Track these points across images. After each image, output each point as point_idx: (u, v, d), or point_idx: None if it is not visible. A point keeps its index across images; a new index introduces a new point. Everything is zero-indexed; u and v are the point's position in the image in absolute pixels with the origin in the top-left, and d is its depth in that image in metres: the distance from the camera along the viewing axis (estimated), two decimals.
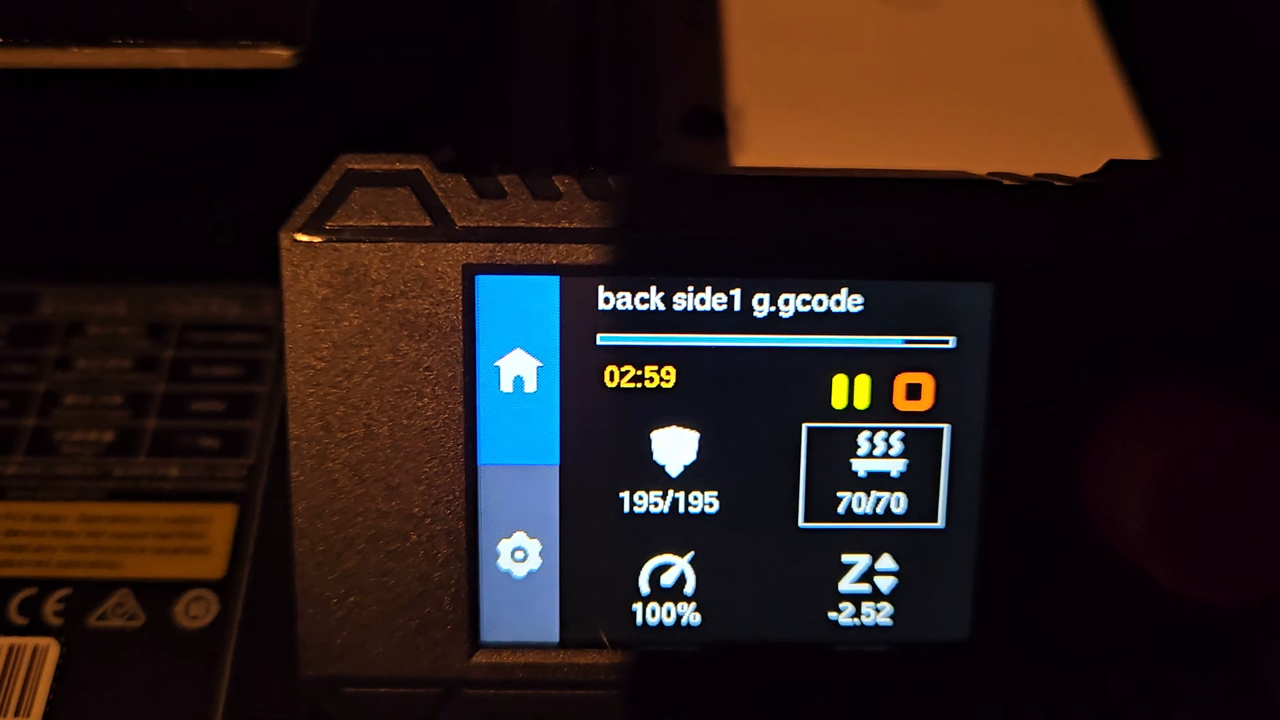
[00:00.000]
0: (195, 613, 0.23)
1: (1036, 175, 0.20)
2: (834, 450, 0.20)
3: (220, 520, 0.24)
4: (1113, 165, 0.20)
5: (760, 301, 0.19)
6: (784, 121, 0.33)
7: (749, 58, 0.35)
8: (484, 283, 0.19)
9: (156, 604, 0.23)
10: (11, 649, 0.23)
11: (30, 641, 0.23)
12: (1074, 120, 0.33)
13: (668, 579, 0.20)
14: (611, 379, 0.19)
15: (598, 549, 0.20)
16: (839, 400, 0.19)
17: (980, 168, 0.32)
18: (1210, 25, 0.35)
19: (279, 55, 0.24)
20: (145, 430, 0.25)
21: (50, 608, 0.23)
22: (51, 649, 0.23)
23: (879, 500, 0.20)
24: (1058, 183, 0.19)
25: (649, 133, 0.33)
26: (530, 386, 0.19)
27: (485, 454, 0.19)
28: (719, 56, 0.35)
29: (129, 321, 0.27)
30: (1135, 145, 0.32)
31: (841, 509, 0.20)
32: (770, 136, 0.33)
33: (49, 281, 0.27)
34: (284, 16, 0.25)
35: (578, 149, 0.32)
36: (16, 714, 0.22)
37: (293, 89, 0.29)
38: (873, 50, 0.35)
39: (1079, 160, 0.32)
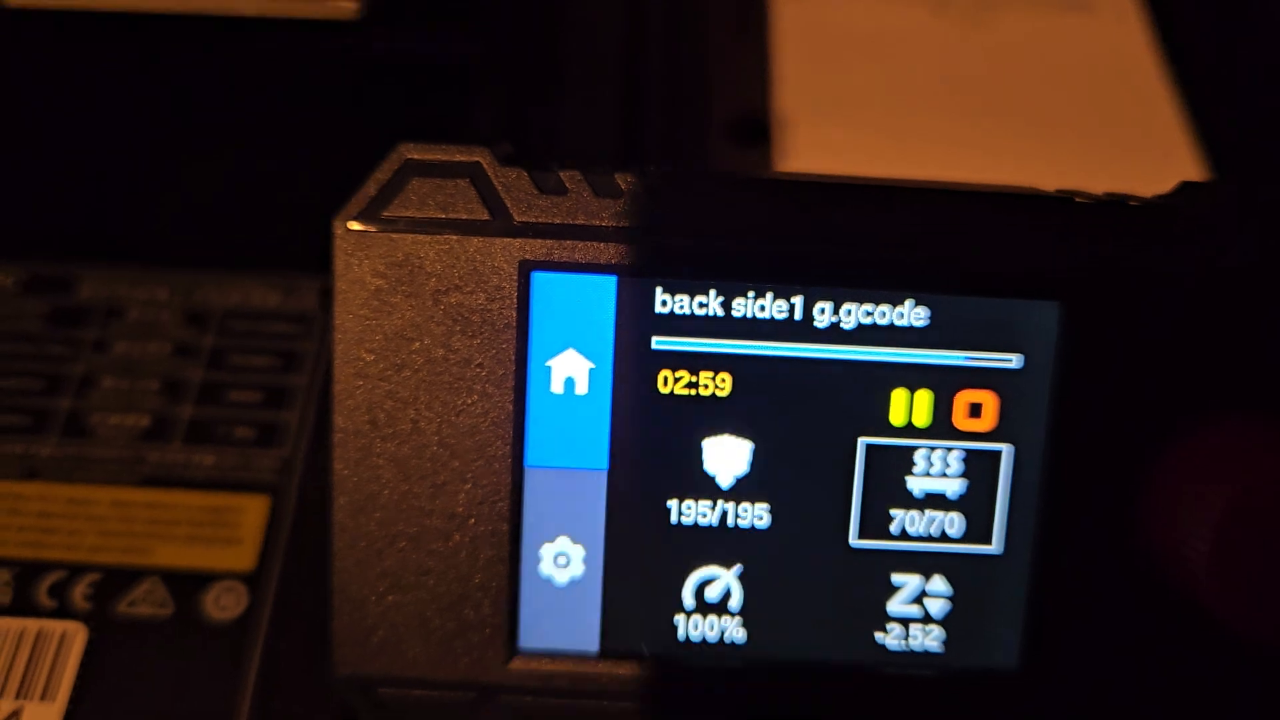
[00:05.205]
0: (225, 604, 0.23)
1: (1107, 194, 0.20)
2: (890, 467, 0.19)
3: (253, 511, 0.24)
4: (1185, 187, 0.20)
5: (822, 311, 0.19)
6: (832, 133, 0.33)
7: (799, 69, 0.34)
8: (540, 279, 0.18)
9: (186, 593, 0.23)
10: (40, 632, 0.22)
11: (58, 625, 0.22)
12: (1125, 141, 0.33)
13: (713, 593, 0.19)
14: (665, 384, 0.19)
15: (643, 558, 0.19)
16: (898, 416, 0.19)
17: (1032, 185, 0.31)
18: (1268, 48, 0.34)
19: (345, 6, 0.23)
20: (181, 417, 0.25)
21: (79, 592, 0.23)
22: (79, 634, 0.22)
23: (933, 521, 0.19)
24: (1130, 202, 0.19)
25: (696, 139, 0.33)
26: (581, 388, 0.19)
27: (532, 455, 0.19)
28: (769, 66, 0.35)
29: (169, 307, 0.27)
30: (1186, 168, 0.32)
31: (894, 528, 0.19)
32: (817, 148, 0.33)
33: (90, 263, 0.27)
34: None
35: (624, 152, 0.32)
36: (42, 698, 0.22)
37: (338, 81, 0.29)
38: (923, 65, 0.35)
39: (1128, 182, 0.32)
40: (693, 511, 0.19)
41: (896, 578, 0.19)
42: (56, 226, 0.28)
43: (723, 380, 0.19)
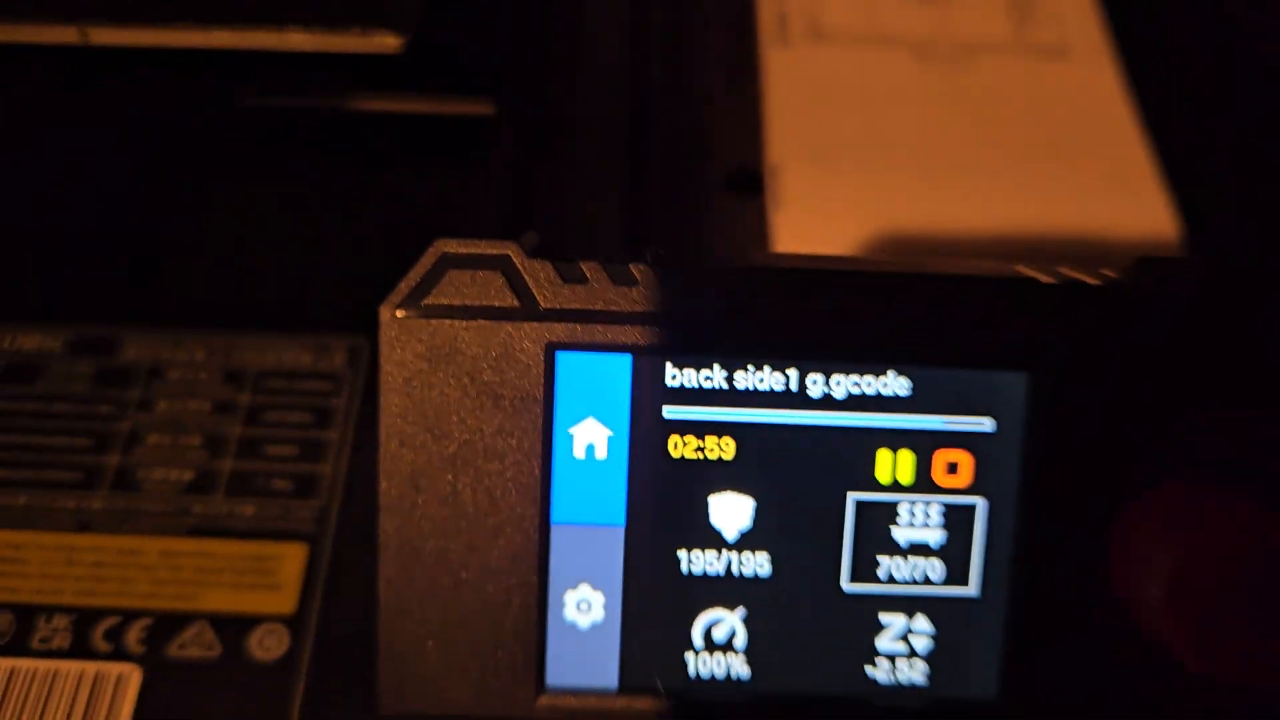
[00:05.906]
0: (269, 644, 0.25)
1: (1068, 272, 0.22)
2: (877, 520, 0.21)
3: (292, 558, 0.26)
4: (1142, 262, 0.22)
5: (814, 382, 0.21)
6: (823, 180, 0.35)
7: (789, 118, 0.36)
8: (563, 358, 0.21)
9: (232, 635, 0.25)
10: (98, 674, 0.24)
11: (115, 667, 0.24)
12: (1097, 182, 0.35)
13: (720, 634, 0.22)
14: (675, 449, 0.21)
15: (656, 603, 0.21)
16: (883, 474, 0.21)
17: (1011, 226, 0.33)
18: (1267, 49, 0.36)
19: (389, 42, 0.26)
20: (223, 471, 0.27)
21: (133, 636, 0.25)
22: (134, 675, 0.24)
23: (917, 567, 0.21)
24: (1089, 280, 0.21)
25: (697, 191, 0.35)
26: (601, 454, 0.21)
27: (557, 514, 0.21)
28: (761, 118, 0.37)
29: (208, 367, 0.29)
30: (1159, 211, 0.34)
31: (882, 574, 0.21)
32: (810, 195, 0.35)
33: (132, 326, 0.29)
34: (394, 6, 0.27)
35: (629, 208, 0.33)
36: None
37: (358, 148, 0.31)
38: (907, 111, 0.37)
39: (1104, 225, 0.34)
40: (701, 561, 0.21)
41: (884, 618, 0.22)
42: (100, 291, 0.30)
43: (727, 444, 0.21)
